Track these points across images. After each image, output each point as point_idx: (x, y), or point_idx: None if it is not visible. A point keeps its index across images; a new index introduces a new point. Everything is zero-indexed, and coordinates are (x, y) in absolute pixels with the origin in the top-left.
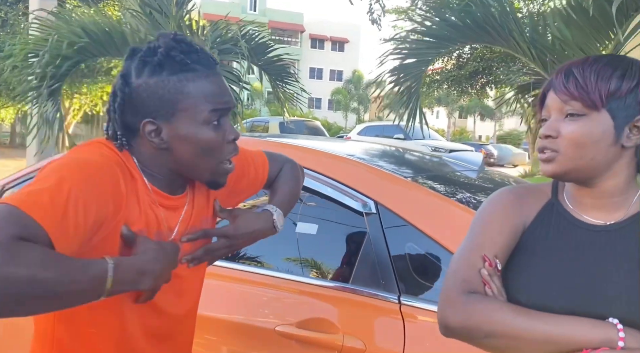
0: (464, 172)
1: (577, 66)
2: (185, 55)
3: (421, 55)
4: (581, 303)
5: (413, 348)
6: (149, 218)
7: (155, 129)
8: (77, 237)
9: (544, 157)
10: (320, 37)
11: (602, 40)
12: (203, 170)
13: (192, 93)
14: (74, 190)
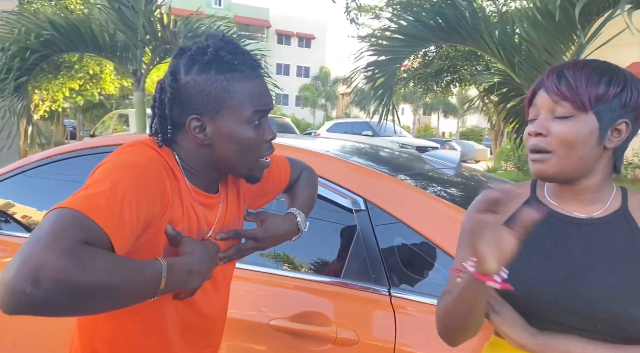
0: (443, 169)
1: (568, 69)
2: (233, 55)
3: (395, 53)
4: (563, 292)
5: (404, 337)
6: (190, 217)
7: (200, 125)
8: (132, 237)
9: (537, 158)
10: (286, 33)
11: (567, 42)
12: (242, 166)
13: (238, 93)
14: (127, 192)
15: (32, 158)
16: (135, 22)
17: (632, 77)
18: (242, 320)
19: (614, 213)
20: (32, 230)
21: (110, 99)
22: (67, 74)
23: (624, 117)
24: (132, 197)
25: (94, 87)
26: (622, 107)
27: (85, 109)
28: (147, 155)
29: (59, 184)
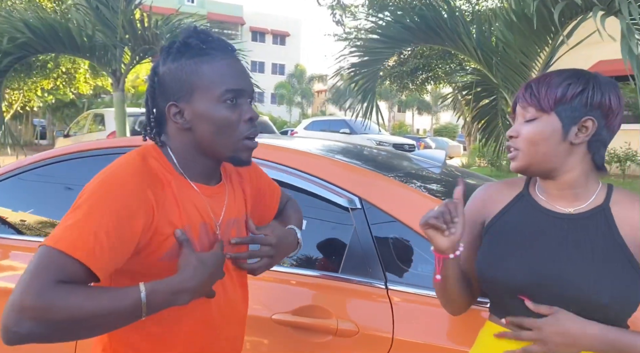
0: (430, 169)
1: (535, 81)
2: (202, 42)
3: (377, 54)
4: (538, 279)
5: (402, 326)
6: (190, 214)
7: (179, 111)
8: (115, 256)
9: (510, 156)
10: (260, 30)
11: (541, 44)
12: (223, 147)
13: (207, 73)
14: (104, 217)
15: (25, 161)
16: (114, 22)
17: (599, 79)
18: None
19: (595, 209)
20: (23, 233)
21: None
22: (41, 73)
23: (589, 115)
24: (109, 220)
25: (67, 86)
26: (584, 105)
27: (55, 108)
28: (129, 171)
29: (54, 187)
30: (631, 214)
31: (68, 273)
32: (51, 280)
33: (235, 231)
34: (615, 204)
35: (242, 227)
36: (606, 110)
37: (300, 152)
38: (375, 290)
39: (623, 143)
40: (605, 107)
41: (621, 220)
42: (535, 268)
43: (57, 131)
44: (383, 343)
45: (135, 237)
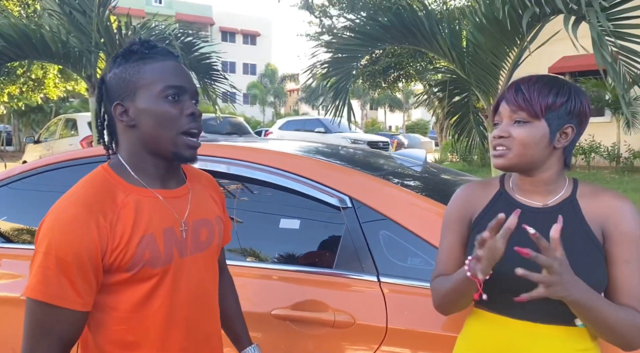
0: (413, 167)
1: (524, 84)
2: (145, 48)
3: (351, 52)
4: (524, 267)
5: (394, 316)
6: (151, 222)
7: (124, 110)
8: (88, 283)
9: (497, 153)
10: (230, 30)
11: (511, 45)
12: (165, 142)
13: (149, 72)
14: (59, 256)
15: (14, 170)
16: (89, 27)
17: (576, 89)
18: (246, 311)
19: (564, 201)
20: (13, 241)
21: (49, 102)
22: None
23: (570, 122)
24: (66, 254)
25: (36, 92)
26: (568, 114)
27: (22, 113)
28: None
29: (43, 196)
30: (595, 204)
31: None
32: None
33: (206, 232)
34: (581, 196)
35: (214, 228)
36: (582, 118)
37: (292, 156)
38: (368, 284)
39: (587, 136)
40: (582, 115)
41: (587, 209)
42: (518, 259)
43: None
44: (378, 333)
45: (98, 261)
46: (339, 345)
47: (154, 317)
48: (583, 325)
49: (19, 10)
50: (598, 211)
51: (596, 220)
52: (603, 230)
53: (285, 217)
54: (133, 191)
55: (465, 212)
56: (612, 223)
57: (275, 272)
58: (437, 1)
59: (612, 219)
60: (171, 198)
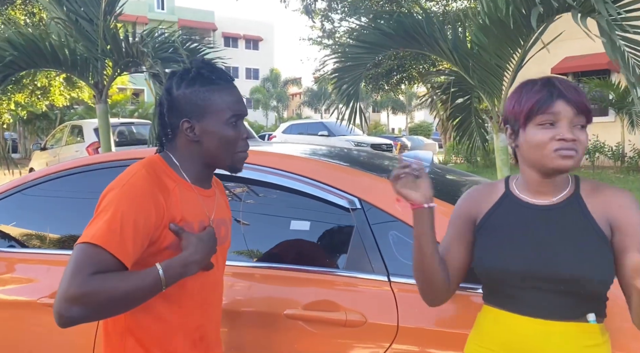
0: None
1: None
2: (211, 73)
3: (358, 59)
4: (532, 264)
5: (406, 314)
6: (191, 212)
7: (190, 126)
8: (136, 247)
9: (567, 154)
10: (233, 36)
11: (515, 46)
12: (225, 158)
13: (217, 100)
14: (125, 216)
15: (28, 176)
16: (95, 35)
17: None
18: (259, 312)
19: (569, 198)
20: (27, 246)
21: (54, 109)
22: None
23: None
24: (129, 218)
25: (42, 100)
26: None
27: (27, 121)
28: (142, 178)
29: (58, 201)
30: (599, 199)
31: (102, 264)
32: (89, 272)
33: (224, 230)
34: (584, 192)
35: (229, 227)
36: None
37: (299, 158)
38: (379, 283)
39: (591, 135)
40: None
41: (591, 205)
42: (528, 256)
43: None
44: (389, 331)
45: (150, 231)
46: (351, 344)
47: (181, 295)
48: (595, 321)
49: (24, 19)
50: (603, 205)
51: (602, 215)
52: (610, 223)
53: (295, 219)
54: (180, 183)
55: (470, 211)
56: (619, 215)
57: (286, 273)
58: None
59: (618, 212)
60: (205, 197)
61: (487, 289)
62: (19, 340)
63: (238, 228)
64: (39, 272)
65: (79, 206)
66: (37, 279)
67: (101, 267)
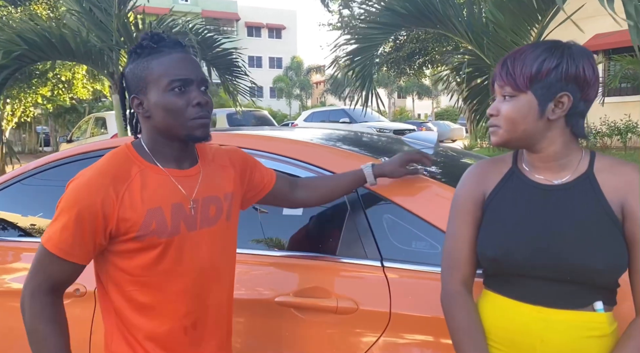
0: (422, 150)
1: (511, 56)
2: (155, 42)
3: (370, 40)
4: (536, 251)
5: (398, 301)
6: (160, 197)
7: (140, 102)
8: (87, 245)
9: (490, 131)
10: (256, 25)
11: (532, 23)
12: (177, 128)
13: (155, 68)
14: (71, 214)
15: (28, 166)
16: (109, 25)
17: (573, 51)
18: (250, 299)
19: (580, 177)
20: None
21: (82, 103)
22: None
23: (564, 90)
24: (73, 215)
25: (65, 93)
26: (560, 80)
27: (57, 115)
28: (94, 173)
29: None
30: (615, 179)
31: (56, 270)
32: (44, 282)
33: (214, 209)
34: (599, 171)
35: (222, 205)
36: (581, 83)
37: (293, 141)
38: (372, 269)
39: (623, 115)
40: (581, 80)
41: (606, 185)
42: (532, 244)
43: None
44: (382, 318)
45: (99, 226)
46: (343, 332)
47: (160, 281)
48: (602, 309)
49: (47, 13)
50: (618, 187)
51: (616, 197)
52: (623, 207)
53: None
54: (147, 168)
55: (477, 191)
56: (632, 200)
57: (278, 259)
58: None
59: (632, 194)
60: (182, 178)
61: (488, 274)
62: (18, 328)
63: None
64: None
65: None
66: None
67: (55, 272)
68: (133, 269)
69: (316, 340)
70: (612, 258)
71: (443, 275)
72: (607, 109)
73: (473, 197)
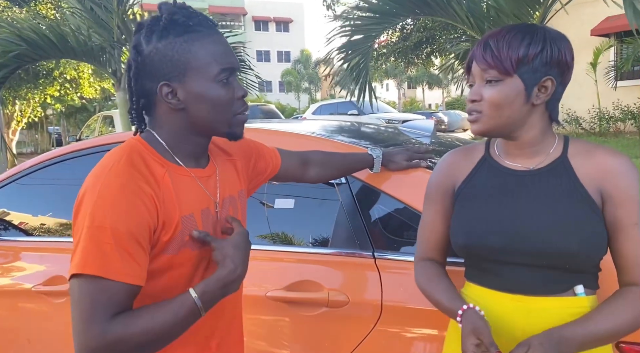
0: (419, 139)
1: (492, 38)
2: (187, 18)
3: (367, 31)
4: (512, 238)
5: (389, 293)
6: (190, 202)
7: (171, 91)
8: (141, 260)
9: (471, 119)
10: (263, 19)
11: (533, 6)
12: (219, 125)
13: (200, 53)
14: (113, 227)
15: (23, 165)
16: (110, 23)
17: (552, 35)
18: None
19: (554, 162)
20: (30, 234)
21: (92, 102)
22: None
23: (548, 74)
24: (120, 227)
25: (73, 92)
26: (544, 65)
27: (68, 114)
28: (121, 172)
29: (51, 189)
30: (589, 163)
31: (112, 298)
32: (106, 316)
33: (232, 209)
34: (573, 155)
35: (237, 204)
36: (563, 67)
37: (284, 134)
38: (364, 261)
39: (636, 99)
40: (562, 64)
41: (580, 169)
42: (506, 230)
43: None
44: (374, 310)
45: (148, 235)
46: (335, 325)
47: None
48: (584, 293)
49: (54, 13)
50: (594, 171)
51: (593, 181)
52: (602, 192)
53: (279, 196)
54: (170, 167)
55: (448, 181)
56: (612, 184)
57: (269, 253)
58: None
59: (611, 179)
60: (204, 178)
61: (467, 265)
62: (17, 328)
63: None
64: (33, 259)
65: (65, 194)
66: (31, 267)
67: (113, 301)
68: (161, 293)
69: (308, 333)
70: (587, 241)
71: (414, 262)
72: (620, 92)
73: (443, 187)
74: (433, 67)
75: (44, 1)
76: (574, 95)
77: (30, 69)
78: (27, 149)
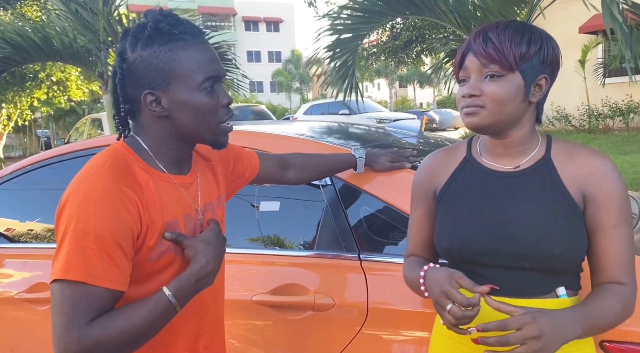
0: (406, 139)
1: (492, 31)
2: (173, 26)
3: (355, 30)
4: (495, 240)
5: (375, 295)
6: (172, 208)
7: (155, 99)
8: (124, 264)
9: (469, 111)
10: (253, 19)
11: (520, 5)
12: (204, 133)
13: (184, 61)
14: (96, 232)
15: (6, 170)
16: (95, 24)
17: (547, 34)
18: (226, 299)
19: (538, 162)
20: (13, 241)
21: (81, 104)
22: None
23: (543, 73)
24: (103, 233)
25: (60, 95)
26: (541, 63)
27: (57, 118)
28: (104, 177)
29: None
30: (572, 164)
31: (93, 303)
32: (86, 320)
33: (210, 214)
34: (556, 155)
35: (215, 210)
36: (554, 67)
37: (268, 135)
38: (349, 263)
39: (624, 96)
40: (555, 64)
41: (563, 170)
42: (489, 232)
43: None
44: (359, 313)
45: (132, 240)
46: (321, 329)
47: None
48: (565, 295)
49: (40, 15)
50: (576, 172)
51: (574, 182)
52: (584, 193)
53: (264, 199)
54: (154, 174)
55: (430, 183)
56: (594, 185)
57: (254, 257)
58: None
59: (592, 180)
60: (186, 185)
61: (451, 267)
62: (1, 336)
63: None
64: (14, 266)
65: (48, 199)
66: (14, 274)
67: (94, 307)
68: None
69: (294, 337)
70: (569, 243)
71: (404, 258)
72: (609, 89)
73: (425, 189)
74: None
75: (29, 3)
76: (563, 93)
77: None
78: (15, 153)
